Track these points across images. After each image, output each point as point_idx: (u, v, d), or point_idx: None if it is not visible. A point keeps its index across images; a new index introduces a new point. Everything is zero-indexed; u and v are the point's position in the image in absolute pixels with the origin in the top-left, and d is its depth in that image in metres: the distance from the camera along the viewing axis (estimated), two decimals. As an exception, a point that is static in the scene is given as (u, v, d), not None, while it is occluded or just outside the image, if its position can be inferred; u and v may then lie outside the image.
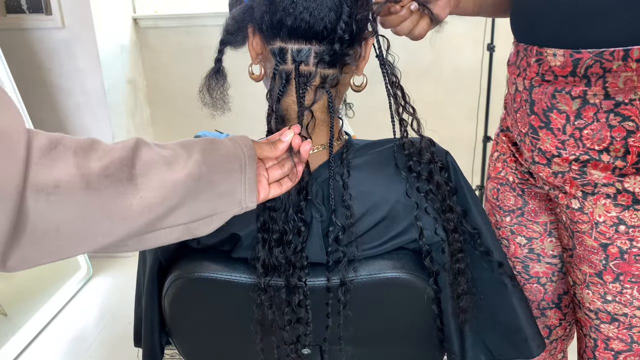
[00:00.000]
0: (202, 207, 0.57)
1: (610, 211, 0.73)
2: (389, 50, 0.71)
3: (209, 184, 0.56)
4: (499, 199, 0.94)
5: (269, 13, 0.66)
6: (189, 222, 0.57)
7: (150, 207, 0.52)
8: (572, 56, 0.70)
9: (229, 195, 0.58)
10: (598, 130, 0.72)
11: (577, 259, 0.80)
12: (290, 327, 0.70)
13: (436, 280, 0.73)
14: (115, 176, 0.50)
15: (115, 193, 0.50)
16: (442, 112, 2.62)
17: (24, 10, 2.16)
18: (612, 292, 0.76)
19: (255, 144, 0.62)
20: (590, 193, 0.74)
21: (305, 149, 0.64)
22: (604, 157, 0.72)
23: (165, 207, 0.53)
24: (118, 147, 0.53)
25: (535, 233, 0.92)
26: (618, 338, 0.78)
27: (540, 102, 0.75)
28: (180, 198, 0.54)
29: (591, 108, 0.71)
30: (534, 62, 0.75)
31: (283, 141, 0.63)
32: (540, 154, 0.79)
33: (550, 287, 0.95)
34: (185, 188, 0.54)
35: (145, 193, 0.52)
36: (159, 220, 0.54)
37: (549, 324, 0.99)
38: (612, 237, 0.74)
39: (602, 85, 0.69)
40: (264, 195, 0.62)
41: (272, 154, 0.63)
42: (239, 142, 0.60)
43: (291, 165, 0.65)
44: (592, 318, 0.80)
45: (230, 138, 0.61)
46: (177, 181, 0.54)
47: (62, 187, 0.48)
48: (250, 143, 0.61)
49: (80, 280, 2.24)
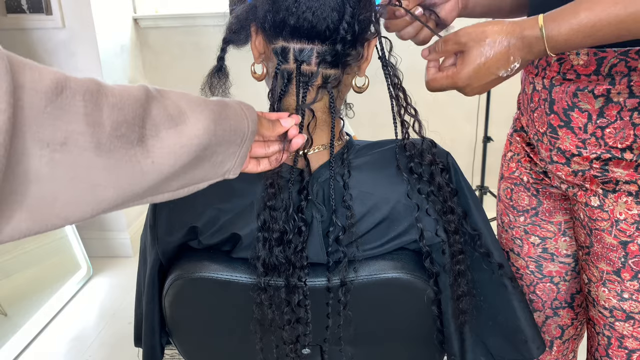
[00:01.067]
0: (197, 175, 0.54)
1: (632, 209, 0.73)
2: (391, 52, 0.71)
3: (212, 154, 0.54)
4: (512, 198, 0.94)
5: (272, 12, 0.66)
6: (179, 188, 0.54)
7: (160, 173, 0.48)
8: (596, 55, 0.70)
9: (221, 166, 0.56)
10: (621, 129, 0.71)
11: (593, 256, 0.80)
12: (290, 326, 0.70)
13: (436, 282, 0.73)
14: (127, 137, 0.45)
15: (125, 156, 0.45)
16: (442, 112, 2.62)
17: (24, 10, 2.16)
18: (630, 289, 0.76)
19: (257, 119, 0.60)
20: (611, 191, 0.74)
21: (297, 141, 0.64)
22: (627, 155, 0.72)
23: (170, 173, 0.49)
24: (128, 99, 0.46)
25: (550, 233, 0.92)
26: (632, 336, 0.78)
27: (561, 101, 0.75)
28: (186, 165, 0.51)
29: (615, 106, 0.71)
30: (554, 61, 0.75)
31: (283, 126, 0.63)
32: (559, 153, 0.79)
33: (563, 286, 0.95)
34: (192, 155, 0.51)
35: (157, 158, 0.47)
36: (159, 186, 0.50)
37: (562, 323, 0.99)
38: (633, 235, 0.74)
39: (626, 84, 0.69)
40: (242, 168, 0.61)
41: (268, 132, 0.62)
42: (246, 115, 0.58)
43: (277, 149, 0.64)
44: (606, 316, 0.80)
45: (238, 104, 0.58)
46: (188, 148, 0.50)
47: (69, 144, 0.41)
48: (255, 118, 0.59)
49: (80, 280, 2.24)
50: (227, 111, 0.56)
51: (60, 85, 0.41)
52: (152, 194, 0.50)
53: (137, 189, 0.47)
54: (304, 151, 0.70)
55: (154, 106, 0.48)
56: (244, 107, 0.59)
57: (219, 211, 0.71)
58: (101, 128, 0.43)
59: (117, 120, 0.44)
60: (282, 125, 0.63)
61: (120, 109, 0.45)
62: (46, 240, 2.16)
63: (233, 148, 0.56)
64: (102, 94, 0.44)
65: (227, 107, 0.56)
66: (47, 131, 0.40)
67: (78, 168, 0.42)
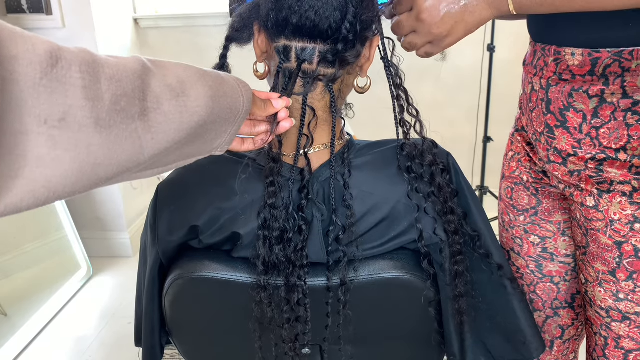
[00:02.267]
0: (189, 151, 0.52)
1: (626, 209, 0.73)
2: (394, 52, 0.71)
3: (206, 132, 0.52)
4: (512, 198, 0.94)
5: (274, 11, 0.67)
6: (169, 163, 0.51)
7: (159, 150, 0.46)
8: (590, 55, 0.70)
9: (211, 143, 0.55)
10: (615, 129, 0.72)
11: (590, 256, 0.80)
12: (289, 325, 0.70)
13: (436, 282, 0.73)
14: (127, 112, 0.42)
15: (125, 132, 0.42)
16: (442, 112, 2.62)
17: (24, 10, 2.16)
18: (625, 290, 0.76)
19: None
20: (606, 191, 0.74)
21: (285, 125, 0.64)
22: (621, 156, 0.72)
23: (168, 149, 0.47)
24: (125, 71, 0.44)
25: (549, 232, 0.92)
26: (629, 337, 0.78)
27: (557, 101, 0.76)
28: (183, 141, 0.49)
29: (609, 107, 0.71)
30: (551, 61, 0.75)
31: (274, 107, 0.63)
32: (555, 153, 0.79)
33: (563, 286, 0.95)
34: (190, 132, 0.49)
35: (157, 135, 0.45)
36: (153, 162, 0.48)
37: (562, 323, 0.99)
38: (627, 235, 0.74)
39: (620, 84, 0.69)
40: None
41: (260, 112, 0.62)
42: (242, 92, 0.56)
43: (263, 130, 0.64)
44: (603, 316, 0.80)
45: (235, 81, 0.57)
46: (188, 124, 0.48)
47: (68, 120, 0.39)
48: (251, 96, 0.58)
49: (80, 280, 2.24)
50: (224, 88, 0.53)
51: (54, 56, 0.39)
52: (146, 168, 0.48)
53: (132, 165, 0.45)
54: (305, 150, 0.70)
55: (152, 78, 0.46)
56: (241, 84, 0.57)
57: (219, 210, 0.71)
58: (101, 102, 0.41)
59: (116, 94, 0.42)
60: (273, 106, 0.63)
61: (119, 81, 0.42)
62: (46, 240, 2.16)
63: (226, 126, 0.55)
64: (98, 64, 0.42)
65: (224, 84, 0.54)
66: (44, 106, 0.38)
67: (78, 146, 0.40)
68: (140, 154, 0.44)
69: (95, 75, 0.41)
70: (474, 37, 2.26)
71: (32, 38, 0.38)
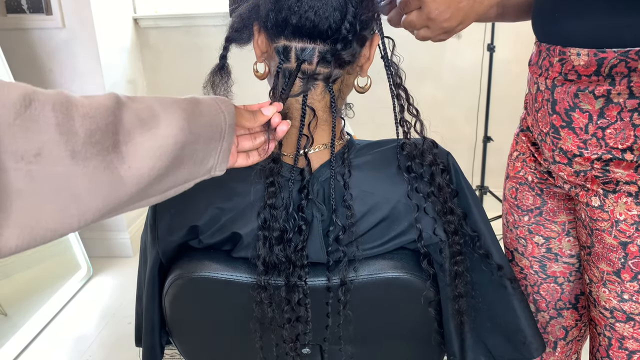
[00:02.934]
0: (181, 174, 0.54)
1: (632, 209, 0.73)
2: (394, 51, 0.71)
3: (192, 152, 0.54)
4: (517, 198, 0.94)
5: (274, 11, 0.67)
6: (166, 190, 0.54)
7: (140, 177, 0.48)
8: (596, 55, 0.70)
9: (203, 164, 0.56)
10: (621, 130, 0.71)
11: (594, 256, 0.80)
12: (290, 325, 0.70)
13: (436, 282, 0.73)
14: (102, 144, 0.45)
15: (102, 163, 0.45)
16: (442, 112, 2.62)
17: (24, 10, 2.16)
18: (630, 290, 0.76)
19: (236, 111, 0.60)
20: (612, 191, 0.74)
21: (282, 128, 0.64)
22: (627, 156, 0.72)
23: (151, 177, 0.50)
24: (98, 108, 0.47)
25: (554, 233, 0.92)
26: (633, 337, 0.78)
27: (563, 101, 0.75)
28: (167, 166, 0.51)
29: (615, 107, 0.71)
30: (556, 61, 0.75)
31: (264, 114, 0.63)
32: (561, 153, 0.79)
33: (567, 287, 0.95)
34: (171, 156, 0.51)
35: (133, 163, 0.48)
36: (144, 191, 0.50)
37: (566, 324, 0.99)
38: (633, 236, 0.74)
39: (626, 85, 0.69)
40: (231, 162, 0.61)
41: (250, 124, 0.62)
42: (222, 108, 0.57)
43: (264, 140, 0.64)
44: (607, 317, 0.80)
45: (213, 100, 0.58)
46: (165, 149, 0.50)
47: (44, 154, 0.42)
48: (232, 111, 0.59)
49: (80, 280, 2.24)
50: (200, 107, 0.55)
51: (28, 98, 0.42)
52: (140, 198, 0.51)
53: (121, 195, 0.48)
54: (305, 150, 0.70)
55: (124, 112, 0.49)
56: (219, 101, 0.58)
57: (219, 210, 0.71)
58: (75, 136, 0.43)
59: (90, 128, 0.45)
60: (263, 114, 0.63)
61: (92, 117, 0.45)
62: (46, 240, 2.16)
63: (213, 144, 0.56)
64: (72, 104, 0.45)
65: (199, 104, 0.56)
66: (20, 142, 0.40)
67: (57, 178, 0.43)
68: (121, 183, 0.47)
69: (69, 113, 0.44)
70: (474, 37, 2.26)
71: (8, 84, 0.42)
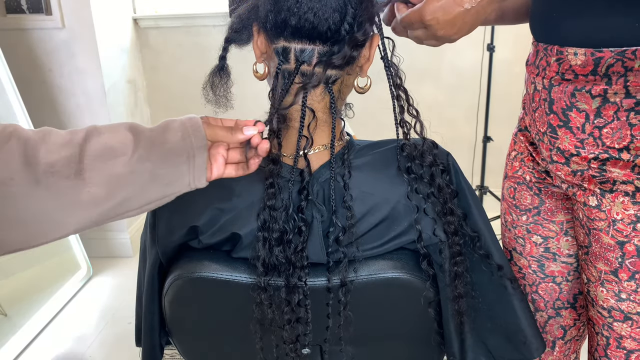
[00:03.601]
0: (151, 195, 0.59)
1: (629, 209, 0.73)
2: (394, 52, 0.71)
3: (154, 178, 0.58)
4: (515, 197, 0.94)
5: (273, 12, 0.67)
6: (140, 207, 0.60)
7: (97, 200, 0.56)
8: (593, 55, 0.70)
9: (176, 183, 0.60)
10: (618, 129, 0.72)
11: (592, 256, 0.80)
12: (290, 326, 0.70)
13: (435, 282, 0.73)
14: (62, 173, 0.55)
15: (64, 188, 0.54)
16: (442, 112, 2.62)
17: (24, 11, 2.16)
18: (627, 290, 0.76)
19: (208, 129, 0.62)
20: (609, 191, 0.74)
21: (264, 147, 0.64)
22: (624, 156, 0.72)
23: (113, 199, 0.57)
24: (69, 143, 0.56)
25: (552, 232, 0.92)
26: (631, 337, 0.78)
27: (560, 101, 0.76)
28: (126, 191, 0.57)
29: (611, 107, 0.71)
30: (553, 61, 0.75)
31: (244, 134, 0.63)
32: (558, 152, 0.79)
33: (565, 286, 0.95)
34: (129, 183, 0.57)
35: (92, 188, 0.56)
36: (110, 210, 0.58)
37: (564, 324, 0.99)
38: (630, 235, 0.74)
39: (623, 84, 0.69)
40: (218, 174, 0.63)
41: (227, 140, 0.63)
42: (189, 132, 0.60)
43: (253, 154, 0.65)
44: (605, 316, 0.80)
45: (182, 124, 0.61)
46: (120, 176, 0.57)
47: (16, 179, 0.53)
48: (201, 133, 0.60)
49: (80, 280, 2.24)
50: (164, 136, 0.60)
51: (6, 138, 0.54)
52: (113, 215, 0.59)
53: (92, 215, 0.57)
54: (305, 151, 0.70)
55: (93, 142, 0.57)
56: (187, 124, 0.61)
57: (219, 211, 0.71)
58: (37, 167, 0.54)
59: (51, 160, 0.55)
60: (243, 133, 0.63)
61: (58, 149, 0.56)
62: (46, 240, 2.16)
63: (182, 167, 0.59)
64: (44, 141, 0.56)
65: (166, 131, 0.60)
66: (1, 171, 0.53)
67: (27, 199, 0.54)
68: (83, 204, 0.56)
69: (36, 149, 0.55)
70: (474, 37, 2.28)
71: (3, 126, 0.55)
